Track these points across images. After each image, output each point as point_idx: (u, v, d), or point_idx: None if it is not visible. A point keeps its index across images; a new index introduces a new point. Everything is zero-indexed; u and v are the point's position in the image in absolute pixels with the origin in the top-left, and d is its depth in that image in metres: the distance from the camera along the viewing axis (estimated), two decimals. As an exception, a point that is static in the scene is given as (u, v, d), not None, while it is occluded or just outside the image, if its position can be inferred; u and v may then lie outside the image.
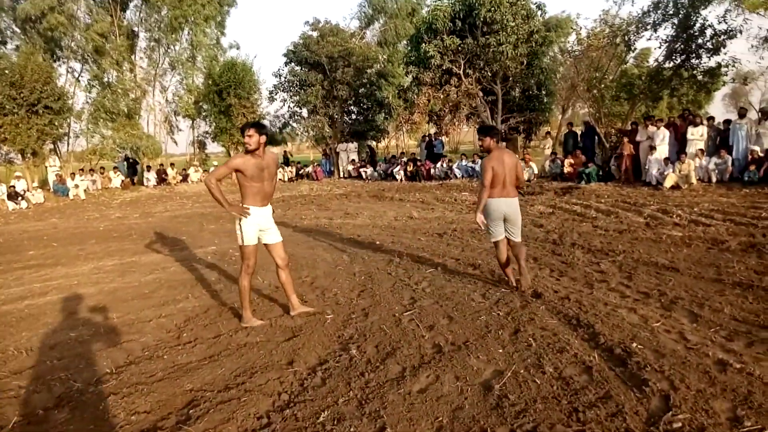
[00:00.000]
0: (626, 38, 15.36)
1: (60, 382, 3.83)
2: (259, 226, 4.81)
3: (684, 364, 3.50)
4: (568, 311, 4.67)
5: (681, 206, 10.04)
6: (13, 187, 19.17)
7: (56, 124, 20.83)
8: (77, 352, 4.44)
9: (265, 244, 4.95)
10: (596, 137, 16.14)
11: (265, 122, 26.23)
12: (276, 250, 4.96)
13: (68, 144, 25.80)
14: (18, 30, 25.02)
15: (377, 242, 8.65)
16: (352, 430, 3.00)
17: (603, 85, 16.20)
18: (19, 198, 18.84)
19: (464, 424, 2.99)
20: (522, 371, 3.57)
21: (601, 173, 14.99)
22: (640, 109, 19.55)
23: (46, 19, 23.31)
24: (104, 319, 5.32)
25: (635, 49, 16.58)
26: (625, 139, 14.24)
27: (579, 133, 17.33)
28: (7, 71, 19.49)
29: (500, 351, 3.93)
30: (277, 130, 26.70)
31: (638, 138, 14.34)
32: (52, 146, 23.44)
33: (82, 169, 22.81)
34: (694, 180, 12.56)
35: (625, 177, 14.22)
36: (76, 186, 20.83)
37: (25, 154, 20.70)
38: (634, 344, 3.84)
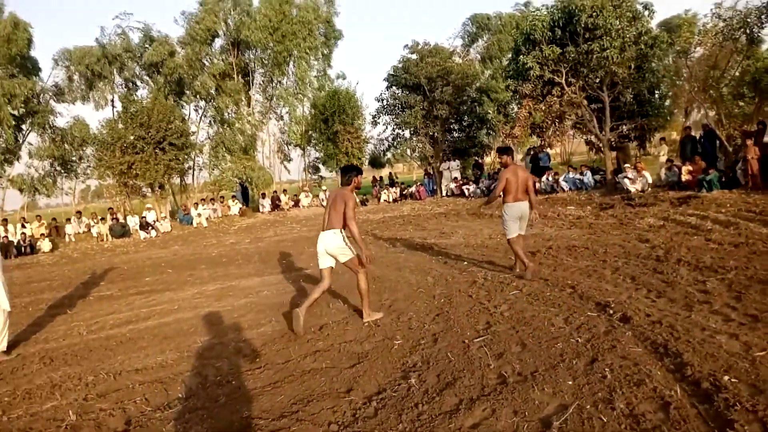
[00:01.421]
0: (747, 31, 13.87)
1: (134, 406, 4.05)
2: None
3: (785, 404, 2.99)
4: (657, 337, 4.20)
5: (818, 214, 8.82)
6: (144, 217, 21.08)
7: (180, 159, 22.66)
8: (158, 376, 4.68)
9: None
10: (717, 141, 14.70)
11: (369, 146, 26.95)
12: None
13: (193, 177, 28.05)
14: (146, 77, 27.79)
15: (465, 262, 8.42)
16: (391, 466, 2.86)
17: (723, 85, 14.73)
18: (150, 228, 20.65)
19: (511, 466, 2.75)
20: (589, 406, 3.24)
21: (724, 180, 13.58)
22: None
23: (166, 64, 25.71)
24: (191, 344, 5.58)
25: (758, 41, 14.91)
26: (748, 141, 12.79)
27: (698, 137, 15.93)
28: (137, 114, 21.59)
29: (570, 383, 3.60)
30: (381, 153, 27.20)
31: (766, 139, 12.85)
32: (178, 180, 25.68)
33: (203, 199, 24.60)
34: (837, 183, 11.03)
35: (753, 183, 12.77)
36: (199, 215, 22.46)
37: (154, 187, 22.72)
38: (727, 377, 3.36)
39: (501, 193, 7.07)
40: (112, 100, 28.18)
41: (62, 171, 27.32)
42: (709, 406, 3.07)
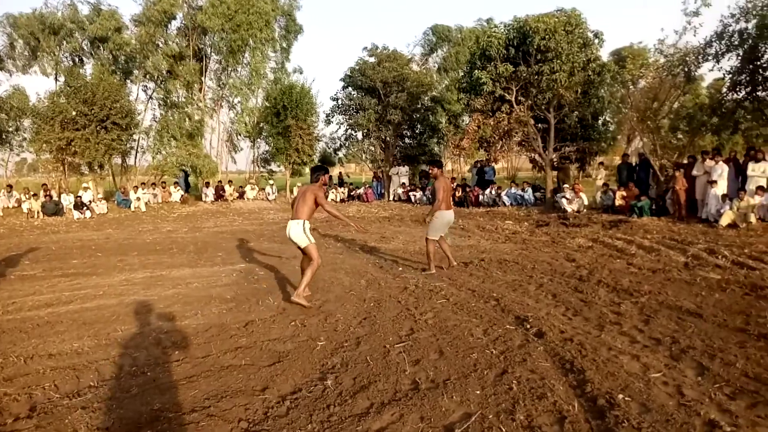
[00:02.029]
0: (685, 69, 14.69)
1: (42, 392, 3.94)
2: None
3: (667, 422, 3.22)
4: (566, 354, 4.42)
5: (731, 246, 9.40)
6: (80, 197, 20.30)
7: (123, 139, 21.97)
8: (71, 363, 4.57)
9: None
10: (651, 170, 15.45)
11: (321, 144, 26.91)
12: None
13: (135, 158, 27.22)
14: (92, 51, 26.64)
15: (400, 268, 8.56)
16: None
17: (661, 117, 15.52)
18: (85, 208, 19.90)
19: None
20: (491, 416, 3.39)
21: (654, 207, 14.29)
22: (711, 143, 18.62)
23: (112, 39, 24.74)
24: (110, 332, 5.46)
25: (696, 79, 15.85)
26: (677, 173, 13.53)
27: (634, 164, 16.70)
28: (81, 89, 20.80)
29: (478, 392, 3.75)
30: (332, 152, 27.19)
31: (695, 172, 13.61)
32: (120, 161, 24.89)
33: (144, 183, 23.91)
34: (753, 219, 11.77)
35: (679, 213, 13.50)
36: (138, 199, 21.80)
37: (93, 166, 21.94)
38: (621, 395, 3.58)
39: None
40: (56, 73, 26.98)
41: (-4, 141, 25.97)
42: (601, 422, 3.27)
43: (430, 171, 8.34)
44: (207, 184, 24.68)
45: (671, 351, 4.47)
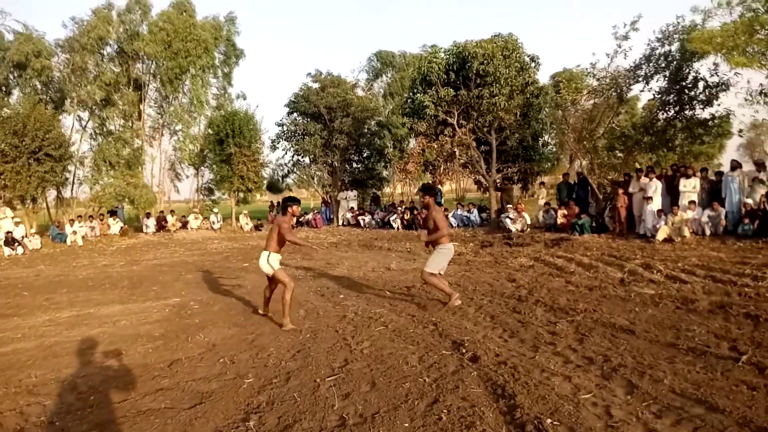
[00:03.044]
0: (617, 90, 15.27)
1: (-70, 451, 3.58)
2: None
3: (594, 447, 3.16)
4: (499, 378, 4.34)
5: (666, 261, 9.66)
6: (11, 233, 19.26)
7: (57, 171, 21.07)
8: (-30, 415, 4.19)
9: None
10: (589, 188, 15.86)
11: (267, 170, 26.55)
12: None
13: (72, 190, 26.11)
14: (17, 80, 25.38)
15: (342, 295, 8.39)
16: None
17: (596, 136, 16.03)
18: (16, 244, 18.90)
19: None
20: (417, 450, 3.25)
21: (594, 225, 14.63)
22: (649, 160, 19.28)
23: (31, 64, 23.63)
24: (23, 378, 5.06)
25: (628, 100, 16.53)
26: (620, 191, 13.95)
27: (574, 183, 17.12)
28: (11, 120, 19.88)
29: (406, 425, 3.61)
30: (280, 178, 26.90)
31: (631, 189, 14.05)
32: (55, 193, 23.83)
33: (80, 216, 22.96)
34: (686, 233, 12.17)
35: (620, 229, 13.87)
36: (74, 233, 20.87)
37: (25, 200, 20.92)
38: (550, 420, 3.50)
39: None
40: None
41: None
42: (527, 450, 3.18)
43: (423, 198, 7.57)
44: (148, 215, 23.87)
45: (603, 370, 4.46)
